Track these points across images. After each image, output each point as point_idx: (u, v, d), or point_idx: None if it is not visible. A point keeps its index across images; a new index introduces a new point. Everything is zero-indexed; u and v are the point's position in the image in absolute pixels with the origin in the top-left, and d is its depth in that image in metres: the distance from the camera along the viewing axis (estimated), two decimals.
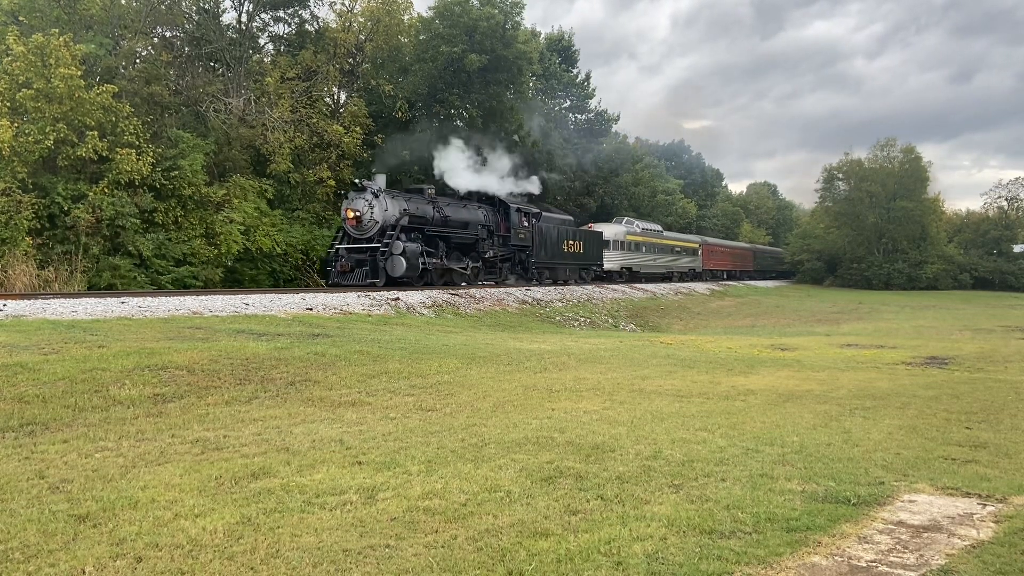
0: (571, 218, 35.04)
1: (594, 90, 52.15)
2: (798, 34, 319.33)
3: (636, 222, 43.87)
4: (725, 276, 58.01)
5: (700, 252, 53.44)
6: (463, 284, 24.62)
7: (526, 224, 28.36)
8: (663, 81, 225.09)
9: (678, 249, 49.67)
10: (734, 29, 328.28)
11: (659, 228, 47.20)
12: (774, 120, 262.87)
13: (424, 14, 34.86)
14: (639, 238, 42.73)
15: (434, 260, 23.23)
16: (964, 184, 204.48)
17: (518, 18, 35.29)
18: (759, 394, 8.58)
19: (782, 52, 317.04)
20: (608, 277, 38.19)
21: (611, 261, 38.15)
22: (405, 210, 22.05)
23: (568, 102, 50.70)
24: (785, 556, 3.64)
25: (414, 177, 31.55)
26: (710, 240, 58.43)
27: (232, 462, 5.13)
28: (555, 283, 30.85)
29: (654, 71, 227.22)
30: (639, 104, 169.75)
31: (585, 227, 37.25)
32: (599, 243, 35.68)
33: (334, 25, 33.30)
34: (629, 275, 41.04)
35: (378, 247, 21.15)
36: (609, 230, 39.19)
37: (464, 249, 25.48)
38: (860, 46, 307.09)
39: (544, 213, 30.44)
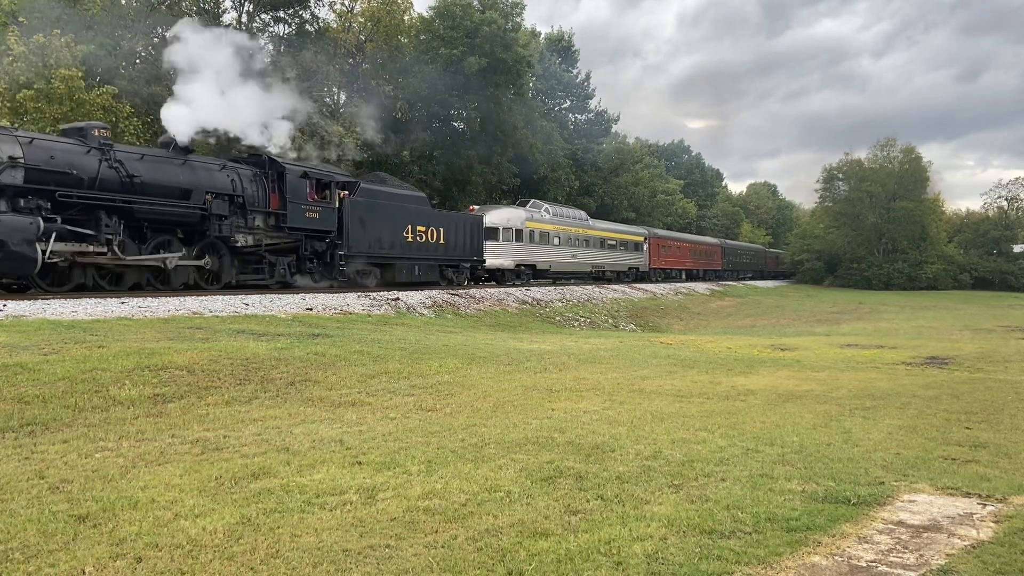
0: (422, 195, 24.72)
1: (594, 90, 52.35)
2: (805, 32, 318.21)
3: (545, 205, 34.88)
4: (684, 276, 50.06)
5: (647, 247, 44.95)
6: (182, 287, 16.37)
7: (320, 198, 19.01)
8: (668, 80, 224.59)
9: (612, 243, 40.22)
10: (741, 27, 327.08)
11: (583, 216, 38.32)
12: (779, 119, 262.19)
13: (424, 15, 34.99)
14: (548, 226, 33.35)
15: (85, 245, 14.23)
16: (968, 184, 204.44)
17: (518, 19, 35.45)
18: (759, 394, 8.58)
19: (788, 51, 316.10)
20: (497, 277, 29.35)
21: (500, 256, 29.14)
22: (15, 158, 13.13)
23: (568, 102, 50.81)
24: (785, 556, 3.65)
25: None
26: (660, 233, 49.77)
27: (232, 462, 5.13)
28: (398, 286, 21.87)
29: (659, 70, 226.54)
30: (644, 103, 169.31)
31: (466, 211, 29.60)
32: (476, 231, 25.80)
33: (334, 25, 33.37)
34: (533, 275, 31.90)
35: None
36: (498, 215, 29.88)
37: (184, 232, 16.32)
38: (867, 44, 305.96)
39: (371, 187, 21.40)
